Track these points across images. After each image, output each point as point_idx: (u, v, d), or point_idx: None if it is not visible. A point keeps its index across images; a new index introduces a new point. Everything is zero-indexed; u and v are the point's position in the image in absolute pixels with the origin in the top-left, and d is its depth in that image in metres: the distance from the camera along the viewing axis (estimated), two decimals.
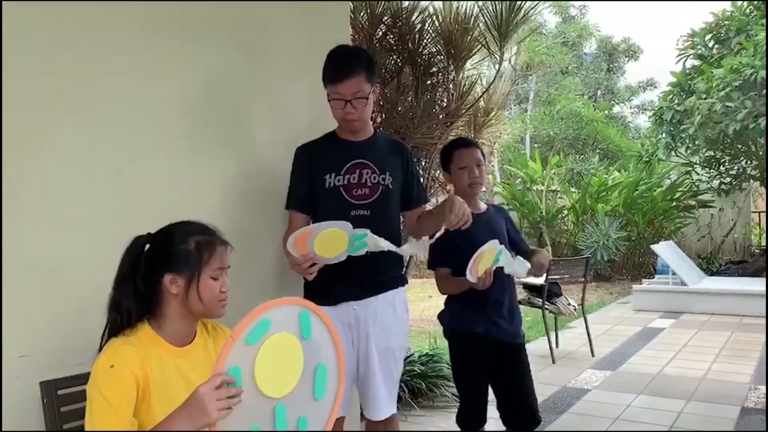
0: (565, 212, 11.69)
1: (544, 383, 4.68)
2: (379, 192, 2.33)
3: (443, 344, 5.08)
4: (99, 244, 1.95)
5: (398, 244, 2.27)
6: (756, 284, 7.80)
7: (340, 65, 2.26)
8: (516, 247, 2.77)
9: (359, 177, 2.32)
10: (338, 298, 2.25)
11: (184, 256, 1.55)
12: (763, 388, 4.42)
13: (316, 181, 2.32)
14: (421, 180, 2.96)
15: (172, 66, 2.21)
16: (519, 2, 4.49)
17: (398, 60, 4.51)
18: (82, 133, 1.95)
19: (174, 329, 1.57)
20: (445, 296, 2.78)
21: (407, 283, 2.55)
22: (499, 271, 2.51)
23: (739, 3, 9.02)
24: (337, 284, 2.23)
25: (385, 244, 2.14)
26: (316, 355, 1.47)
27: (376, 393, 2.34)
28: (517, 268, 2.51)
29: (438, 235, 2.62)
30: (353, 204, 2.29)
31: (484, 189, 3.25)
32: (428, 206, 2.64)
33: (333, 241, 2.06)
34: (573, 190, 12.29)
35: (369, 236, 2.09)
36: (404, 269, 2.74)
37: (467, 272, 2.33)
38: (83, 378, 1.75)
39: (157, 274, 1.55)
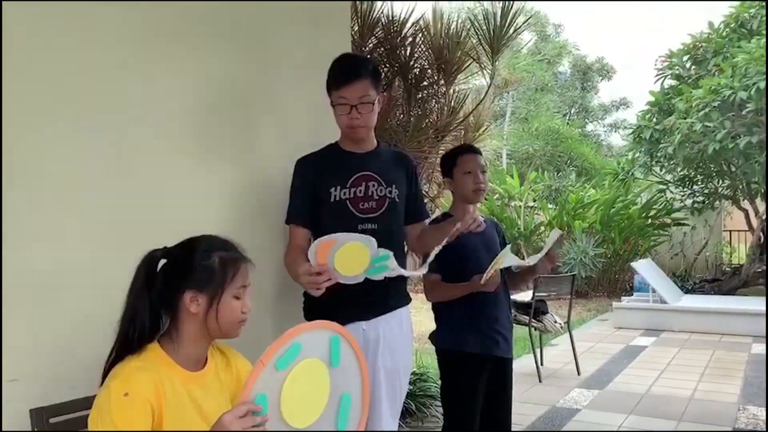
0: (543, 228, 11.73)
1: (532, 403, 4.62)
2: (386, 205, 2.26)
3: (428, 363, 5.03)
4: (94, 259, 1.84)
5: (403, 258, 2.22)
6: (733, 303, 7.90)
7: (346, 69, 2.21)
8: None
9: (365, 190, 2.24)
10: (347, 319, 2.13)
11: (207, 272, 1.44)
12: (752, 408, 4.42)
13: (320, 194, 2.23)
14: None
15: (175, 74, 2.11)
16: (511, 17, 4.46)
17: (389, 73, 4.45)
18: (83, 140, 1.83)
19: (188, 352, 1.46)
20: (435, 315, 2.70)
21: (411, 300, 2.46)
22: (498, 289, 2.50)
23: (716, 25, 9.19)
24: (344, 304, 2.13)
25: (405, 272, 2.09)
26: (343, 383, 1.38)
27: (380, 415, 2.24)
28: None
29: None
30: (360, 218, 2.21)
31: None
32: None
33: (355, 258, 1.98)
34: (550, 206, 12.34)
35: (391, 260, 2.01)
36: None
37: (485, 275, 2.33)
38: (76, 405, 1.64)
39: (176, 292, 1.43)
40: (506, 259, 2.41)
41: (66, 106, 1.80)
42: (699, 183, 10.24)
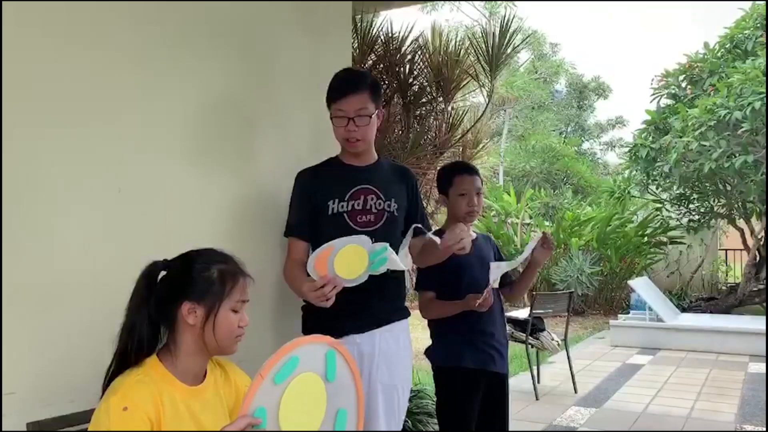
0: None
1: (530, 420, 4.60)
2: (384, 219, 2.26)
3: (425, 379, 5.00)
4: (93, 271, 1.83)
5: (401, 272, 2.19)
6: (730, 321, 7.89)
7: (344, 82, 2.23)
8: (504, 276, 2.74)
9: (364, 203, 2.24)
10: (341, 332, 2.12)
11: (205, 283, 1.44)
12: (749, 428, 4.41)
13: (318, 207, 2.23)
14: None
15: (177, 86, 2.12)
16: (509, 35, 4.50)
17: (388, 90, 4.47)
18: (83, 150, 1.83)
19: (186, 366, 1.45)
20: (430, 330, 2.70)
21: (410, 314, 2.46)
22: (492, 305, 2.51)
23: (711, 46, 9.28)
24: (339, 317, 2.12)
25: (404, 263, 2.07)
26: (338, 398, 1.38)
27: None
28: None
29: None
30: (357, 231, 2.19)
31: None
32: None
33: (353, 259, 1.98)
34: (547, 223, 12.36)
35: (389, 251, 2.00)
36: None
37: (482, 296, 2.37)
38: (75, 418, 1.63)
39: (174, 302, 1.43)
40: (498, 271, 2.43)
41: (66, 116, 1.80)
42: (695, 202, 10.28)
